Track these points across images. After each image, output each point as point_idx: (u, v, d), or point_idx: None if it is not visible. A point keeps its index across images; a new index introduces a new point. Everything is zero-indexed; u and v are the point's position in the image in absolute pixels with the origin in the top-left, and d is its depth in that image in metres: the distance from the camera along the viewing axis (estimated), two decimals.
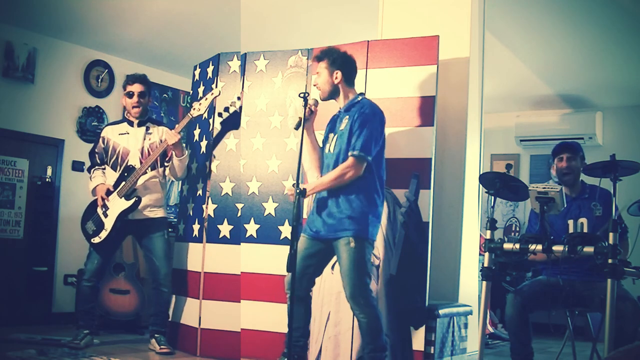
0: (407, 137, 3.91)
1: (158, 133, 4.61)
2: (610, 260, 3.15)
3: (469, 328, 4.14)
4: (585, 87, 6.77)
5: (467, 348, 4.12)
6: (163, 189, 4.64)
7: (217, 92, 4.44)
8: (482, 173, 3.99)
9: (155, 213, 4.57)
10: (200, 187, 4.59)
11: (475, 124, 4.42)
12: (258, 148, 4.36)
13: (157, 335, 4.49)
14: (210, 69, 4.71)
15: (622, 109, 7.25)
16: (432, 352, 3.72)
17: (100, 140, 4.64)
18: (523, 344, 3.68)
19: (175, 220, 5.46)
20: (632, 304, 3.48)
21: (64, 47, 6.11)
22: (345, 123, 3.53)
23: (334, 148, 3.55)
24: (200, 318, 4.41)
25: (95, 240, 4.47)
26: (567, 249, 3.28)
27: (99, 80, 6.38)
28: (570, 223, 3.41)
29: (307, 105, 3.48)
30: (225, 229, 4.40)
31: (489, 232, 3.59)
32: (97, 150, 4.64)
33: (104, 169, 4.60)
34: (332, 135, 3.62)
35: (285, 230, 4.16)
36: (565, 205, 3.53)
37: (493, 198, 3.65)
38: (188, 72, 5.45)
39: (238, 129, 4.46)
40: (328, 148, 3.62)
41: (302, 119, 3.49)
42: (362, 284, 3.39)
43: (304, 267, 3.47)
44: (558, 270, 3.60)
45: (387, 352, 3.48)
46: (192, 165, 4.76)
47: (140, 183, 4.45)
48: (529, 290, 3.77)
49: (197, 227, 4.55)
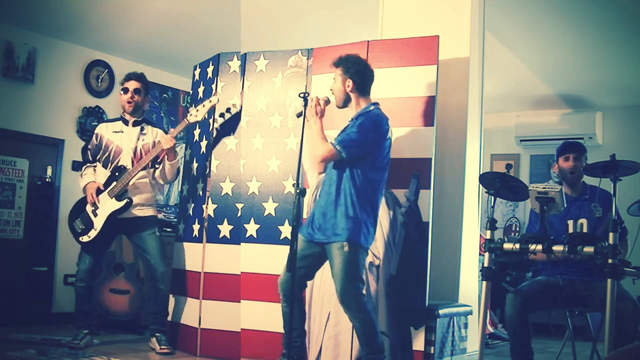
0: (407, 137, 3.91)
1: (152, 134, 4.60)
2: (610, 260, 3.15)
3: (469, 328, 4.14)
4: (585, 87, 6.77)
5: (467, 348, 4.12)
6: (153, 189, 4.63)
7: (215, 99, 4.44)
8: (482, 173, 3.99)
9: (145, 212, 4.56)
10: (200, 187, 4.59)
11: (475, 124, 4.42)
12: (258, 148, 4.36)
13: (157, 335, 4.50)
14: (210, 69, 4.71)
15: (622, 109, 7.25)
16: (432, 352, 3.72)
17: (94, 137, 4.62)
18: (523, 344, 3.68)
19: (175, 220, 5.47)
20: (631, 304, 3.48)
21: (64, 47, 6.11)
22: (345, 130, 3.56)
23: None
24: (200, 318, 4.41)
25: (84, 239, 4.45)
26: (567, 249, 3.28)
27: (99, 80, 6.38)
28: (570, 223, 3.41)
29: (307, 106, 3.48)
30: (225, 229, 4.40)
31: (489, 232, 3.59)
32: (90, 147, 4.63)
33: (95, 167, 4.58)
34: None
35: (285, 230, 4.16)
36: (565, 206, 3.53)
37: (493, 198, 3.65)
38: (188, 72, 5.45)
39: (234, 135, 4.47)
40: None
41: (303, 111, 3.52)
42: (353, 289, 3.39)
43: (297, 268, 3.45)
44: (558, 270, 3.61)
45: (384, 353, 3.48)
46: (192, 165, 4.76)
47: (131, 183, 4.46)
48: (529, 290, 3.76)
49: (197, 227, 4.55)
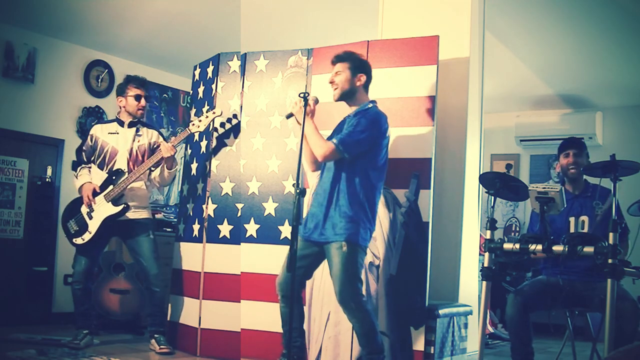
0: (407, 137, 3.91)
1: (147, 136, 4.61)
2: (610, 260, 3.15)
3: (469, 328, 4.14)
4: (585, 87, 6.77)
5: (467, 348, 4.12)
6: (148, 190, 4.63)
7: (219, 111, 4.42)
8: (482, 173, 3.99)
9: (140, 214, 4.56)
10: (200, 187, 4.59)
11: (475, 124, 4.42)
12: (258, 148, 4.36)
13: (156, 336, 4.49)
14: (210, 69, 4.71)
15: (622, 109, 7.25)
16: (432, 352, 3.72)
17: (89, 138, 4.61)
18: (523, 344, 3.68)
19: (175, 220, 5.47)
20: (631, 304, 3.48)
21: (64, 47, 6.11)
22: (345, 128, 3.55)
23: None
24: (200, 318, 4.41)
25: (78, 241, 4.45)
26: (567, 249, 3.28)
27: (99, 80, 6.38)
28: (572, 221, 3.41)
29: (307, 105, 3.48)
30: (225, 229, 4.40)
31: (489, 232, 3.59)
32: (84, 148, 4.62)
33: (90, 167, 4.58)
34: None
35: (285, 230, 4.16)
36: (565, 205, 3.53)
37: (493, 198, 3.65)
38: (188, 72, 5.45)
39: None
40: None
41: (292, 113, 3.53)
42: (352, 289, 3.38)
43: (296, 268, 3.45)
44: (558, 270, 3.61)
45: (383, 353, 3.47)
46: (192, 165, 4.76)
47: (129, 189, 4.46)
48: (530, 290, 3.77)
49: (197, 227, 4.55)
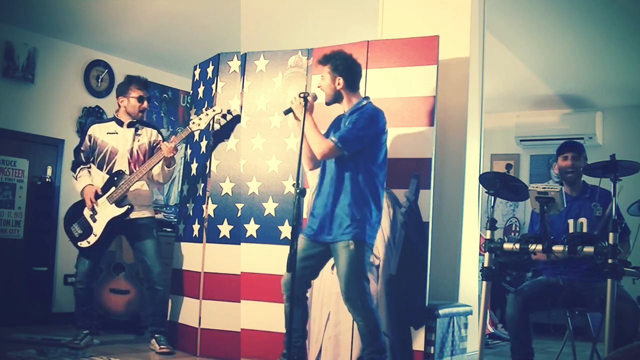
0: (407, 137, 3.91)
1: (147, 135, 4.61)
2: (610, 260, 3.15)
3: (469, 328, 4.14)
4: (585, 87, 6.76)
5: (467, 348, 4.12)
6: (150, 190, 4.63)
7: (218, 109, 4.43)
8: (482, 173, 3.99)
9: (143, 213, 4.56)
10: (200, 187, 4.59)
11: (475, 124, 4.42)
12: (258, 148, 4.36)
13: (157, 335, 4.49)
14: (210, 69, 4.71)
15: (622, 109, 7.25)
16: (432, 352, 3.72)
17: (87, 139, 4.58)
18: (523, 344, 3.68)
19: (175, 220, 5.47)
20: (630, 304, 3.48)
21: (64, 47, 6.11)
22: (343, 126, 3.55)
23: None
24: (200, 318, 4.41)
25: (83, 245, 4.44)
26: (567, 249, 3.28)
27: (99, 80, 6.38)
28: (571, 222, 3.41)
29: (307, 105, 3.48)
30: (225, 229, 4.40)
31: (489, 232, 3.59)
32: (83, 148, 4.59)
33: (90, 168, 4.56)
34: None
35: (285, 230, 4.16)
36: (566, 205, 3.53)
37: (493, 198, 3.65)
38: (188, 72, 5.45)
39: (232, 136, 4.47)
40: None
41: (291, 109, 3.53)
42: (359, 287, 3.39)
43: (301, 268, 3.45)
44: (558, 270, 3.61)
45: (386, 353, 3.48)
46: (192, 165, 4.76)
47: (132, 190, 4.45)
48: (530, 290, 3.77)
49: (197, 227, 4.55)
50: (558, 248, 3.33)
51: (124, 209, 4.42)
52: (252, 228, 4.28)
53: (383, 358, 3.43)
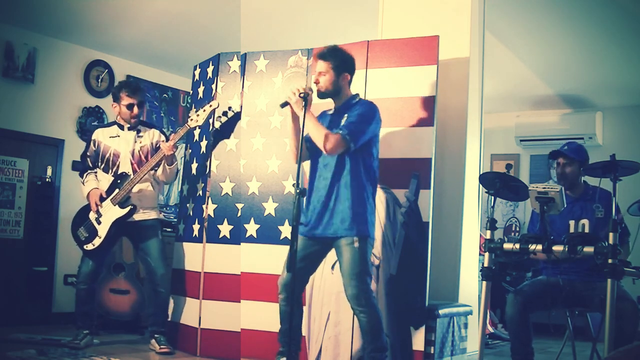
0: (407, 137, 3.91)
1: (149, 136, 4.61)
2: (610, 260, 3.15)
3: (469, 328, 4.14)
4: (585, 87, 6.76)
5: (467, 348, 4.12)
6: (155, 191, 4.63)
7: (215, 104, 4.45)
8: (482, 173, 3.99)
9: (149, 215, 4.57)
10: (200, 187, 4.59)
11: (475, 124, 4.42)
12: (258, 148, 4.36)
13: (157, 336, 4.49)
14: (210, 69, 4.71)
15: (622, 109, 7.25)
16: (432, 352, 3.72)
17: (92, 144, 4.62)
18: (523, 344, 3.68)
19: (175, 220, 5.47)
20: (630, 304, 3.48)
21: (64, 47, 6.11)
22: (345, 120, 3.53)
23: None
24: (200, 318, 4.41)
25: (89, 247, 4.45)
26: (567, 249, 3.28)
27: (99, 80, 6.38)
28: (572, 224, 3.41)
29: (307, 105, 3.46)
30: (225, 229, 4.40)
31: (489, 232, 3.60)
32: (88, 154, 4.63)
33: (96, 173, 4.59)
34: None
35: (285, 230, 4.16)
36: (566, 205, 3.53)
37: (493, 198, 3.65)
38: (188, 72, 5.45)
39: (233, 136, 4.47)
40: None
41: (288, 102, 3.50)
42: (363, 284, 3.39)
43: (299, 268, 3.45)
44: (558, 270, 3.61)
45: (387, 352, 3.47)
46: (192, 165, 4.76)
47: (135, 191, 4.46)
48: (530, 290, 3.77)
49: (197, 227, 4.55)
50: (558, 248, 3.33)
51: (127, 209, 4.43)
52: (252, 228, 4.28)
53: (384, 357, 3.43)
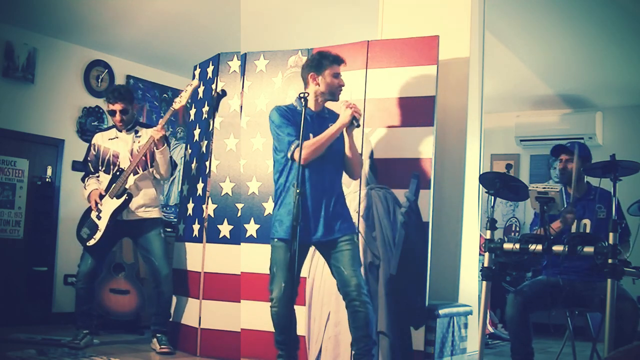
0: (407, 137, 3.91)
1: (147, 135, 4.61)
2: (610, 260, 3.15)
3: (469, 328, 4.14)
4: (585, 87, 6.77)
5: (467, 348, 4.12)
6: (156, 189, 4.63)
7: (195, 82, 4.59)
8: (482, 173, 3.99)
9: (150, 213, 4.57)
10: (200, 187, 4.59)
11: (475, 124, 4.42)
12: (258, 148, 4.36)
13: (158, 335, 4.50)
14: (210, 69, 4.71)
15: (622, 109, 7.25)
16: (432, 352, 3.72)
17: (92, 148, 4.65)
18: (523, 344, 3.68)
19: (175, 220, 5.47)
20: (630, 304, 3.48)
21: (64, 47, 6.11)
22: None
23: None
24: (201, 318, 4.41)
25: (90, 243, 4.46)
26: (567, 249, 3.28)
27: (99, 80, 6.38)
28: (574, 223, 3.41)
29: (307, 106, 3.45)
30: (225, 229, 4.40)
31: (489, 232, 3.59)
32: (89, 159, 4.66)
33: (98, 177, 4.62)
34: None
35: None
36: (566, 205, 3.53)
37: (493, 198, 3.65)
38: (188, 72, 5.45)
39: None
40: None
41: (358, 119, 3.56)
42: (361, 276, 3.52)
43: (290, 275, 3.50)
44: (558, 270, 3.61)
45: (376, 345, 3.55)
46: (192, 165, 4.76)
47: (131, 182, 4.46)
48: (530, 290, 3.76)
49: (197, 227, 4.55)
50: (558, 248, 3.33)
51: (123, 199, 4.43)
52: (252, 228, 4.28)
53: (374, 352, 3.50)
